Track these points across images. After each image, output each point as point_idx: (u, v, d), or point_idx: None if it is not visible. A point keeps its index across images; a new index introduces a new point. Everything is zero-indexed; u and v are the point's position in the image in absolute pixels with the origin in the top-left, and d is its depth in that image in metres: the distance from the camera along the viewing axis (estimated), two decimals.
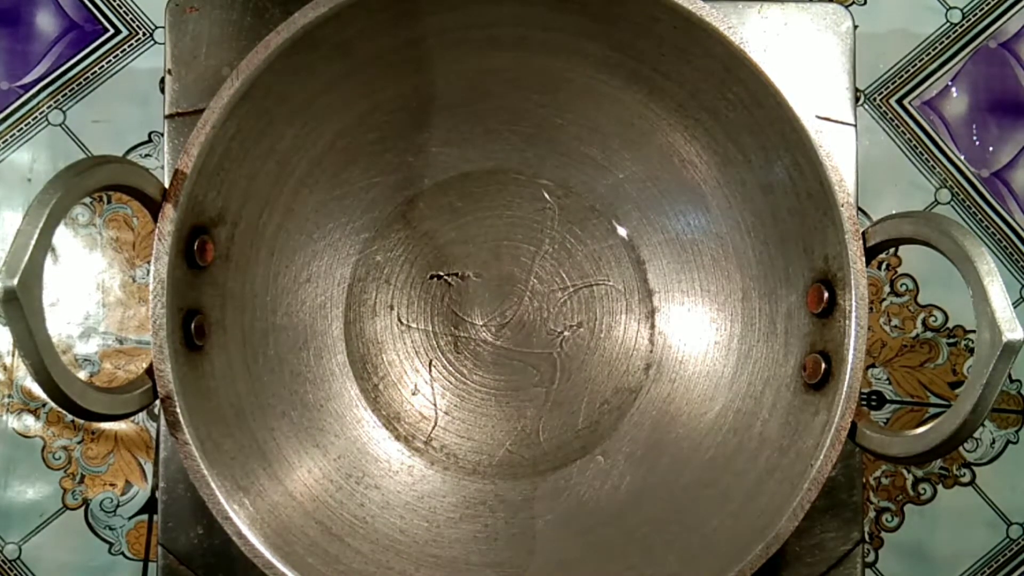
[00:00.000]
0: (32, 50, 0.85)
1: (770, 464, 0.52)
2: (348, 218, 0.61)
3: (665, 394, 0.60)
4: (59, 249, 0.82)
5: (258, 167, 0.54)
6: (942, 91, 0.86)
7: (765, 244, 0.56)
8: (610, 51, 0.55)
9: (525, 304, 0.61)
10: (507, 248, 0.62)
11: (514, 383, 0.61)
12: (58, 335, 0.81)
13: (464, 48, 0.56)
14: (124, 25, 0.85)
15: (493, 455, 0.60)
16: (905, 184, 0.86)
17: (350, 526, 0.56)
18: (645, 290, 0.62)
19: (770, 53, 0.49)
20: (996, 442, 0.85)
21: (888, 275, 0.86)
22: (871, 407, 0.85)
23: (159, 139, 0.84)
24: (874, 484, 0.84)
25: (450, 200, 0.62)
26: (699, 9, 0.49)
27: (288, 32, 0.49)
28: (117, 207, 0.84)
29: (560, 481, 0.60)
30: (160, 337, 0.48)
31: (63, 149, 0.84)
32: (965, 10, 0.87)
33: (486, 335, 0.61)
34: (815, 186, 0.50)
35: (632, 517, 0.58)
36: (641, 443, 0.60)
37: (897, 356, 0.85)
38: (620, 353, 0.61)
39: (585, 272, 0.62)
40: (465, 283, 0.62)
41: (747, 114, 0.53)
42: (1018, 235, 0.85)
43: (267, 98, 0.51)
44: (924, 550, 0.84)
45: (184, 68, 0.59)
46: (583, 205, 0.62)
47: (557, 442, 0.61)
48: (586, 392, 0.61)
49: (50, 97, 0.84)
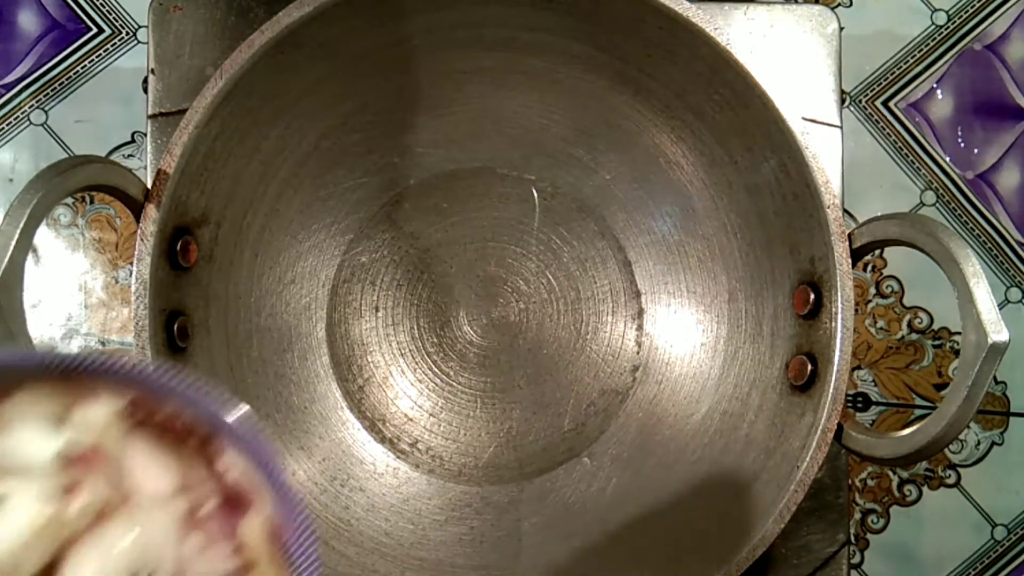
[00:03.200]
0: (14, 49, 0.84)
1: (756, 466, 0.52)
2: (333, 219, 0.60)
3: (652, 396, 0.60)
4: (41, 250, 0.81)
5: (242, 167, 0.53)
6: (927, 93, 0.87)
7: (751, 246, 0.56)
8: (596, 52, 0.55)
9: (511, 305, 0.61)
10: (493, 249, 0.62)
11: (500, 384, 0.61)
12: (40, 336, 0.80)
13: (450, 48, 0.56)
14: (107, 24, 0.85)
15: (479, 457, 0.60)
16: (890, 186, 0.86)
17: (335, 529, 0.56)
18: (632, 291, 0.61)
19: (756, 55, 0.49)
20: (981, 444, 0.85)
21: (874, 277, 0.86)
22: (857, 409, 0.85)
23: (142, 139, 0.84)
24: (860, 486, 0.84)
25: (436, 201, 0.62)
26: (685, 10, 0.49)
27: (272, 31, 0.49)
28: (100, 208, 0.83)
29: (546, 483, 0.60)
30: (143, 339, 0.48)
31: (45, 149, 0.83)
32: (950, 12, 0.87)
33: (472, 336, 0.61)
34: (801, 187, 0.50)
35: (618, 519, 0.58)
36: (627, 445, 0.60)
37: (883, 358, 0.85)
38: (607, 355, 0.61)
39: (571, 273, 0.62)
40: (450, 284, 0.61)
41: (733, 115, 0.53)
42: (1003, 237, 0.86)
43: (251, 98, 0.51)
44: (909, 551, 0.84)
45: (167, 68, 0.59)
46: (569, 206, 0.62)
47: (543, 444, 0.60)
48: (572, 394, 0.61)
49: (32, 97, 0.84)
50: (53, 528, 0.32)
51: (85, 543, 0.32)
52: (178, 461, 0.35)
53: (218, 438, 0.35)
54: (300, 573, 0.36)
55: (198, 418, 0.35)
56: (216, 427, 0.35)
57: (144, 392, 0.35)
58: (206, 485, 0.35)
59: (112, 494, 0.33)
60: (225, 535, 0.35)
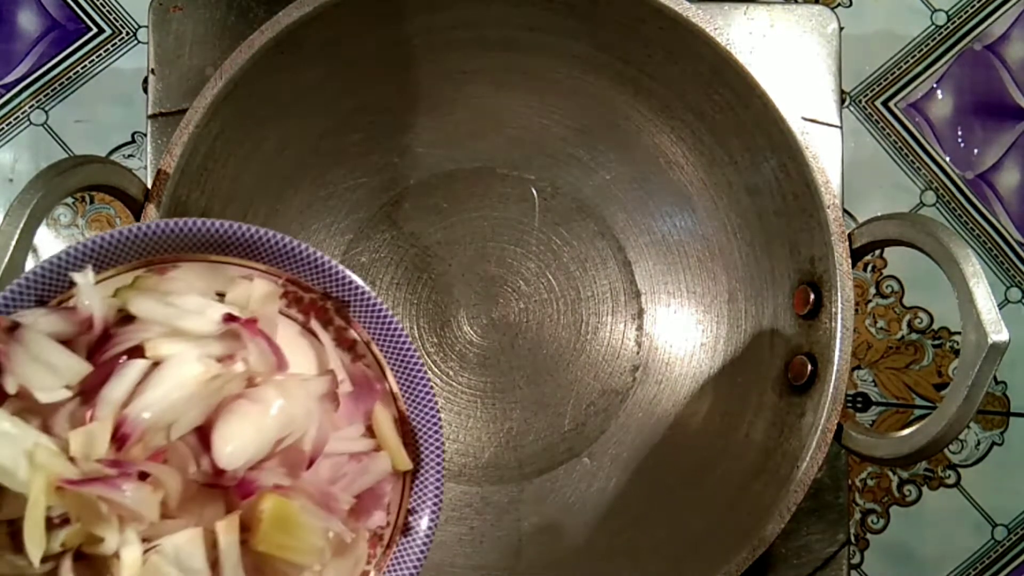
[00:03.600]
0: (14, 49, 0.84)
1: (756, 466, 0.52)
2: (333, 219, 0.60)
3: (651, 396, 0.60)
4: (41, 250, 0.81)
5: (242, 167, 0.53)
6: (927, 93, 0.87)
7: (751, 246, 0.56)
8: (596, 52, 0.55)
9: (511, 305, 0.61)
10: (493, 249, 0.62)
11: (500, 385, 0.61)
12: None
13: (450, 48, 0.56)
14: (107, 24, 0.85)
15: (479, 457, 0.60)
16: (890, 186, 0.86)
17: None
18: (632, 292, 0.61)
19: (756, 55, 0.49)
20: (981, 444, 0.85)
21: (873, 277, 0.86)
22: (857, 409, 0.85)
23: (142, 139, 0.84)
24: (860, 486, 0.84)
25: (435, 201, 0.61)
26: (685, 10, 0.49)
27: (272, 32, 0.49)
28: (100, 207, 0.83)
29: (546, 484, 0.60)
30: None
31: (45, 149, 0.83)
32: (950, 12, 0.87)
33: (472, 336, 0.61)
34: (801, 188, 0.50)
35: (618, 519, 0.58)
36: (627, 445, 0.60)
37: (882, 358, 0.85)
38: (607, 355, 0.61)
39: (571, 273, 0.62)
40: (450, 284, 0.61)
41: (733, 116, 0.53)
42: (1003, 237, 0.86)
43: (251, 98, 0.51)
44: (909, 552, 0.84)
45: (167, 68, 0.59)
46: (569, 206, 0.62)
47: (543, 444, 0.60)
48: (572, 394, 0.61)
49: (32, 97, 0.84)
50: (212, 389, 0.34)
51: (237, 407, 0.35)
52: (318, 344, 0.39)
53: (355, 320, 0.39)
54: (424, 458, 0.39)
55: (339, 300, 0.38)
56: (354, 306, 0.38)
57: (293, 275, 0.38)
58: (341, 371, 0.39)
59: (263, 366, 0.36)
60: (356, 418, 0.38)
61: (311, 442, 0.36)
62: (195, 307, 0.36)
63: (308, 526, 0.35)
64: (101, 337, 0.35)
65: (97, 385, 0.34)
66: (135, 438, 0.33)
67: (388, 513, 0.39)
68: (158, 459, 0.33)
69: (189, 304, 0.36)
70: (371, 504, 0.38)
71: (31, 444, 0.32)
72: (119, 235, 0.35)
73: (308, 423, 0.36)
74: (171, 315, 0.35)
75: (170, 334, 0.35)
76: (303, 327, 0.39)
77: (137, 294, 0.36)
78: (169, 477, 0.34)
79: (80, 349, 0.34)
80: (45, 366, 0.33)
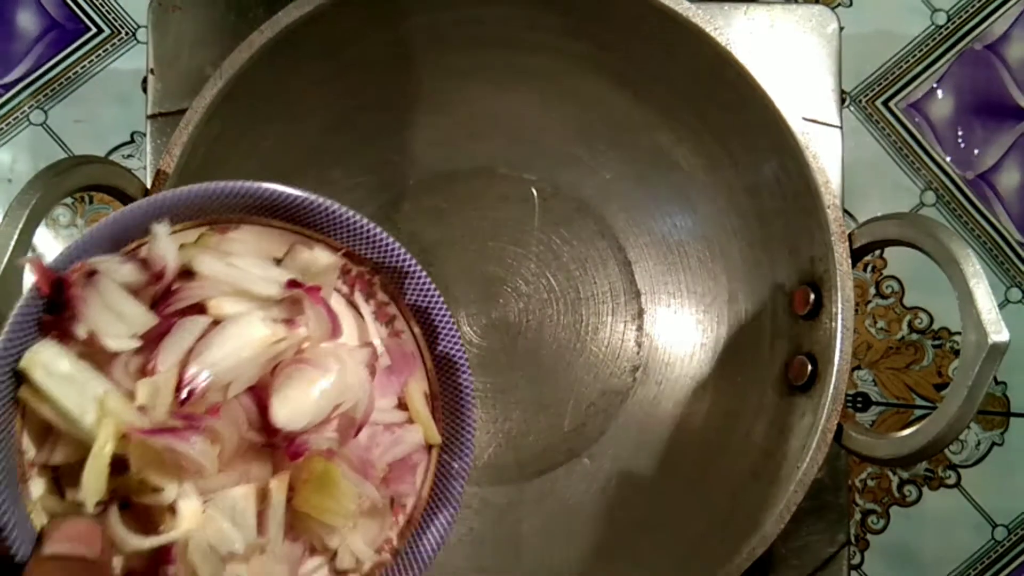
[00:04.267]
0: (13, 49, 0.84)
1: (756, 466, 0.52)
2: None
3: (651, 396, 0.60)
4: (40, 250, 0.81)
5: (241, 167, 0.53)
6: (927, 93, 0.87)
7: (751, 246, 0.56)
8: (596, 52, 0.55)
9: (511, 305, 0.61)
10: (492, 249, 0.61)
11: (500, 385, 0.61)
12: None
13: (450, 48, 0.56)
14: (106, 24, 0.84)
15: (479, 458, 0.60)
16: (890, 186, 0.86)
17: None
18: (632, 292, 0.61)
19: (756, 55, 0.49)
20: (981, 444, 0.85)
21: (873, 277, 0.86)
22: (857, 409, 0.85)
23: (141, 139, 0.84)
24: (860, 486, 0.84)
25: (435, 201, 0.61)
26: (685, 10, 0.49)
27: (272, 31, 0.49)
28: (99, 208, 0.83)
29: (546, 484, 0.60)
30: None
31: (44, 149, 0.83)
32: (950, 12, 0.87)
33: (472, 336, 0.61)
34: (801, 188, 0.50)
35: (618, 520, 0.58)
36: (627, 446, 0.60)
37: (883, 358, 0.85)
38: (607, 355, 0.61)
39: (571, 273, 0.61)
40: (450, 284, 0.61)
41: (733, 116, 0.53)
42: (1003, 237, 0.86)
43: (250, 98, 0.51)
44: (910, 552, 0.84)
45: (167, 68, 0.59)
46: (569, 206, 0.62)
47: (543, 445, 0.60)
48: (572, 394, 0.61)
49: (31, 97, 0.84)
50: (273, 352, 0.35)
51: (298, 371, 0.36)
52: (358, 317, 0.40)
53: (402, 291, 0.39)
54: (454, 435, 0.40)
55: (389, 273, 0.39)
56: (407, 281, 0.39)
57: (350, 247, 0.39)
58: (379, 344, 0.40)
59: (319, 333, 0.37)
60: (389, 391, 0.39)
61: (362, 410, 0.37)
62: (259, 270, 0.37)
63: (346, 490, 0.36)
64: (166, 291, 0.35)
65: (156, 338, 0.34)
66: (199, 393, 0.33)
67: (415, 484, 0.40)
68: (214, 415, 0.34)
69: (252, 266, 0.37)
70: (401, 474, 0.39)
71: (101, 391, 0.32)
72: (190, 192, 0.36)
73: (360, 392, 0.37)
74: (236, 276, 0.36)
75: (234, 294, 0.36)
76: (347, 299, 0.40)
77: (201, 251, 0.36)
78: (229, 433, 0.34)
79: (144, 300, 0.35)
80: (116, 314, 0.33)
